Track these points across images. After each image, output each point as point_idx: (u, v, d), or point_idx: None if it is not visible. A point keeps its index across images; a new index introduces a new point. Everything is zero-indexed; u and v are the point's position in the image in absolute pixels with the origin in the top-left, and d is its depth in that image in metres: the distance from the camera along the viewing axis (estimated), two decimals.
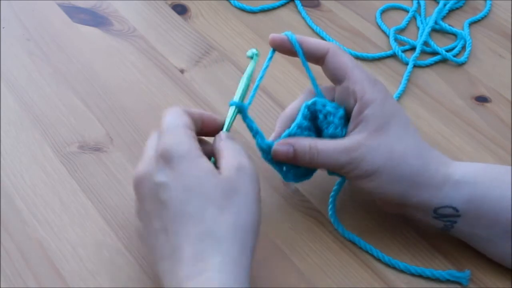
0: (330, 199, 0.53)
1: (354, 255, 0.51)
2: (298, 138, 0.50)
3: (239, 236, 0.42)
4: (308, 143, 0.49)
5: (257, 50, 0.51)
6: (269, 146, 0.50)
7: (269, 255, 0.51)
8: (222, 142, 0.47)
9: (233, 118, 0.50)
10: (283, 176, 0.52)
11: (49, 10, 0.71)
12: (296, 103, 0.52)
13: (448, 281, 0.50)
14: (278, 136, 0.51)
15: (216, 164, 0.46)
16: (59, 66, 0.65)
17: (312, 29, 0.71)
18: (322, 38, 0.70)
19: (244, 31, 0.70)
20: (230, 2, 0.73)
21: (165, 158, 0.43)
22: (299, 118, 0.50)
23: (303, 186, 0.56)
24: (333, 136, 0.49)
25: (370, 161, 0.47)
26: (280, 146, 0.50)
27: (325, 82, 0.52)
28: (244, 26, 0.71)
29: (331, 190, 0.55)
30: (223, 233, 0.41)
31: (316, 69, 0.51)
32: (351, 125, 0.49)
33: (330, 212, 0.53)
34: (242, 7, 0.73)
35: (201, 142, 0.47)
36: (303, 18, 0.72)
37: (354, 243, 0.52)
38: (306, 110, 0.50)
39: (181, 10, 0.73)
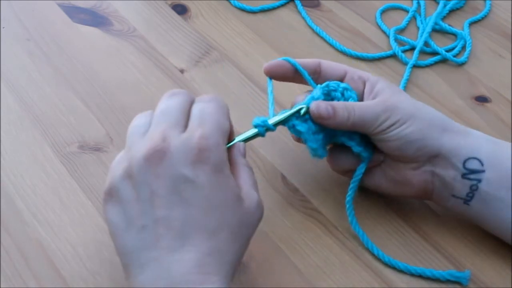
0: (351, 185, 0.52)
1: (354, 255, 0.51)
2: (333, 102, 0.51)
3: (236, 264, 0.42)
4: (343, 103, 0.50)
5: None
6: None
7: (269, 255, 0.51)
8: (240, 158, 0.46)
9: (251, 136, 0.50)
10: (310, 143, 0.51)
11: (49, 10, 0.71)
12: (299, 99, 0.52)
13: (448, 281, 0.50)
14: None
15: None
16: (59, 66, 0.65)
17: (312, 29, 0.71)
18: (322, 38, 0.70)
19: (244, 31, 0.70)
20: (230, 2, 0.73)
21: (202, 155, 0.41)
22: (315, 92, 0.51)
23: (303, 186, 0.56)
24: None
25: (403, 109, 0.49)
26: (321, 104, 0.49)
27: None
28: (244, 26, 0.71)
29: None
30: (230, 257, 0.42)
31: None
32: (367, 100, 0.51)
33: (347, 198, 0.52)
34: (242, 7, 0.73)
35: None
36: (303, 18, 0.72)
37: (354, 243, 0.52)
38: (320, 91, 0.51)
39: (181, 10, 0.73)
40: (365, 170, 0.51)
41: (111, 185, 0.42)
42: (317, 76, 0.53)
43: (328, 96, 0.51)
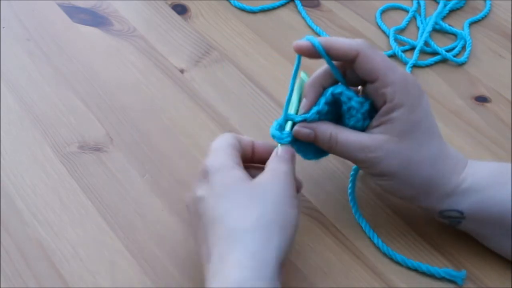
0: (350, 178, 0.55)
1: (354, 256, 0.51)
2: (321, 123, 0.49)
3: (260, 232, 0.42)
4: (329, 132, 0.49)
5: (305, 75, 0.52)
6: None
7: None
8: (274, 158, 0.48)
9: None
10: (302, 155, 0.52)
11: (49, 10, 0.71)
12: (320, 71, 0.50)
13: (443, 278, 0.50)
14: (310, 105, 0.50)
15: None
16: (59, 66, 0.65)
17: (312, 29, 0.71)
18: None
19: (244, 31, 0.70)
20: (230, 2, 0.73)
21: (203, 175, 0.45)
22: (321, 104, 0.49)
23: (303, 186, 0.56)
24: (353, 127, 0.49)
25: (385, 165, 0.48)
26: (302, 128, 0.49)
27: None
28: (244, 26, 0.71)
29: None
30: (242, 230, 0.42)
31: None
32: (375, 121, 0.48)
33: (349, 191, 0.55)
34: (242, 7, 0.73)
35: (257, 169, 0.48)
36: (303, 18, 0.72)
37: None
38: (330, 96, 0.49)
39: (181, 10, 0.73)
40: None
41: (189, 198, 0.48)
42: (350, 65, 0.48)
43: (337, 101, 0.50)
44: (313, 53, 0.48)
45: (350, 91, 0.49)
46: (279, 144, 0.49)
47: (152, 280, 0.49)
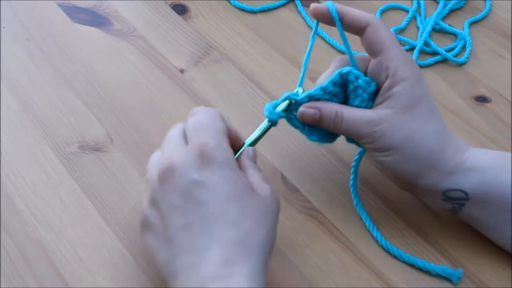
0: (352, 169, 0.54)
1: (354, 255, 0.51)
2: (326, 103, 0.50)
3: (265, 252, 0.43)
4: (335, 110, 0.49)
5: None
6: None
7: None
8: (247, 161, 0.47)
9: (262, 132, 0.50)
10: (307, 135, 0.52)
11: (49, 10, 0.71)
12: (326, 73, 0.52)
13: (443, 278, 0.50)
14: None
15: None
16: (59, 66, 0.65)
17: (312, 29, 0.71)
18: (322, 38, 0.70)
19: (244, 31, 0.70)
20: (230, 2, 0.73)
21: (205, 159, 0.43)
22: (327, 81, 0.50)
23: (303, 186, 0.56)
24: (358, 107, 0.50)
25: (390, 138, 0.48)
26: (307, 108, 0.50)
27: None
28: (244, 26, 0.71)
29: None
30: (255, 245, 0.42)
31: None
32: (379, 99, 0.49)
33: (351, 182, 0.55)
34: (242, 7, 0.73)
35: None
36: (303, 18, 0.72)
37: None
38: (338, 77, 0.50)
39: (181, 10, 0.73)
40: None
41: (142, 218, 0.46)
42: (361, 34, 0.51)
43: (344, 83, 0.50)
44: (328, 18, 0.50)
45: (358, 71, 0.50)
46: (245, 143, 0.49)
47: (152, 280, 0.49)
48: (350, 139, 0.52)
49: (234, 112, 0.62)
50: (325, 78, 0.52)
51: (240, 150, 0.48)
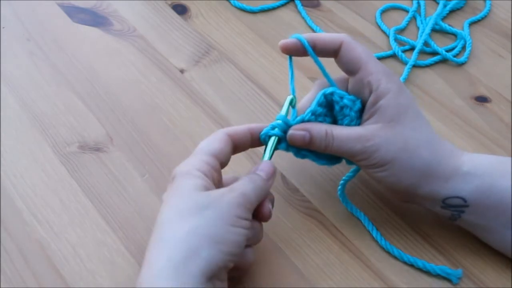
0: (341, 181, 0.54)
1: (354, 255, 0.52)
2: (314, 123, 0.50)
3: (189, 243, 0.41)
4: (324, 129, 0.49)
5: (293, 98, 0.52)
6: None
7: (269, 255, 0.51)
8: (250, 174, 0.47)
9: (275, 147, 0.50)
10: (315, 160, 0.51)
11: (49, 10, 0.71)
12: (308, 96, 0.52)
13: (443, 278, 0.50)
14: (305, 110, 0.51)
15: None
16: (59, 66, 0.65)
17: (312, 29, 0.71)
18: None
19: (244, 31, 0.70)
20: (230, 2, 0.73)
21: (172, 179, 0.46)
22: (313, 104, 0.50)
23: (303, 186, 0.56)
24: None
25: (383, 152, 0.48)
26: (296, 131, 0.49)
27: (336, 74, 0.52)
28: (244, 26, 0.71)
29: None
30: (172, 239, 0.41)
31: (325, 60, 0.51)
32: (365, 114, 0.49)
33: (339, 192, 0.54)
34: (242, 7, 0.73)
35: None
36: (303, 18, 0.72)
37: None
38: (322, 97, 0.50)
39: (181, 10, 0.73)
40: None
41: None
42: (336, 56, 0.50)
43: (329, 103, 0.50)
44: (300, 49, 0.50)
45: (341, 91, 0.50)
46: (263, 157, 0.49)
47: None
48: (349, 161, 0.51)
49: (234, 112, 0.62)
50: (306, 102, 0.51)
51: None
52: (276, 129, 0.49)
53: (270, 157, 0.49)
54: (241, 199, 0.44)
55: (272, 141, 0.49)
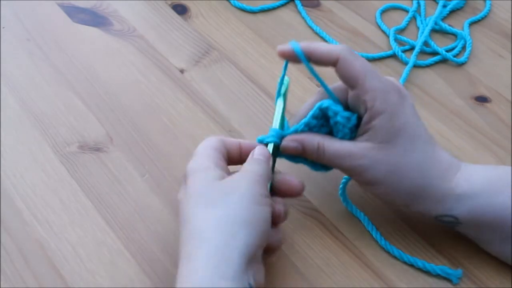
0: (342, 180, 0.54)
1: (354, 255, 0.51)
2: (308, 134, 0.50)
3: (223, 229, 0.42)
4: (316, 141, 0.49)
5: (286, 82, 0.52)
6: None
7: None
8: (249, 159, 0.48)
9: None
10: (311, 167, 0.52)
11: (49, 10, 0.71)
12: (308, 103, 0.52)
13: (444, 278, 0.50)
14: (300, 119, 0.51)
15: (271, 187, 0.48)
16: (59, 66, 0.65)
17: (312, 29, 0.71)
18: (322, 38, 0.70)
19: (244, 31, 0.70)
20: (230, 2, 0.73)
21: (184, 178, 0.46)
22: (308, 116, 0.50)
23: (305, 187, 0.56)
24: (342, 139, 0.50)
25: (372, 173, 0.48)
26: (289, 142, 0.50)
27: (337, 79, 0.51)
28: (244, 26, 0.71)
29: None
30: (206, 229, 0.42)
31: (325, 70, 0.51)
32: (360, 130, 0.49)
33: (340, 192, 0.54)
34: (242, 7, 0.73)
35: None
36: (303, 18, 0.72)
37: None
38: (318, 111, 0.50)
39: (181, 10, 0.73)
40: None
41: None
42: (334, 66, 0.49)
43: (323, 117, 0.50)
44: (295, 58, 0.49)
45: (337, 105, 0.49)
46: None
47: (152, 280, 0.49)
48: None
49: (234, 112, 0.62)
50: (304, 111, 0.51)
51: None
52: (270, 145, 0.50)
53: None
54: (257, 177, 0.45)
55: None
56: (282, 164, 0.57)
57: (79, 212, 0.53)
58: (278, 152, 0.50)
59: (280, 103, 0.51)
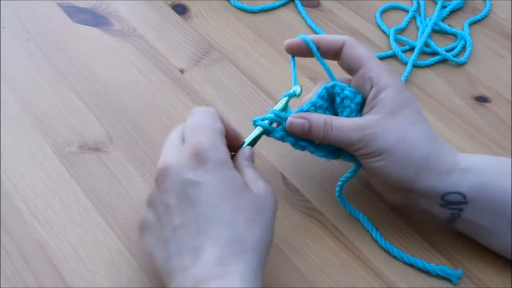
0: (339, 182, 0.53)
1: (354, 255, 0.52)
2: (314, 113, 0.50)
3: (260, 250, 0.43)
4: (323, 118, 0.49)
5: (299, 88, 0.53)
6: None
7: (269, 255, 0.51)
8: (244, 161, 0.48)
9: (257, 136, 0.50)
10: (314, 151, 0.52)
11: (49, 10, 0.71)
12: (309, 96, 0.53)
13: (444, 278, 0.50)
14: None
15: None
16: (59, 66, 0.65)
17: (312, 29, 0.71)
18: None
19: (244, 31, 0.70)
20: (230, 2, 0.73)
21: (200, 158, 0.44)
22: (315, 97, 0.51)
23: (303, 186, 0.56)
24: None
25: (380, 141, 0.48)
26: (296, 118, 0.50)
27: (338, 76, 0.53)
28: (244, 26, 0.71)
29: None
30: (249, 244, 0.42)
31: (328, 63, 0.53)
32: (366, 108, 0.50)
33: (337, 194, 0.54)
34: (242, 7, 0.73)
35: None
36: (303, 18, 0.72)
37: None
38: (324, 91, 0.51)
39: (181, 10, 0.73)
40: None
41: (140, 219, 0.47)
42: (338, 57, 0.52)
43: (331, 97, 0.51)
44: (303, 50, 0.52)
45: (342, 83, 0.51)
46: (244, 143, 0.50)
47: (152, 280, 0.49)
48: (347, 157, 0.51)
49: (234, 112, 0.62)
50: (308, 98, 0.52)
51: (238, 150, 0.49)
52: (266, 121, 0.50)
53: (251, 144, 0.50)
54: (275, 196, 0.46)
55: (256, 131, 0.50)
56: (282, 163, 0.57)
57: (79, 212, 0.53)
58: (268, 131, 0.51)
59: (284, 98, 0.52)
